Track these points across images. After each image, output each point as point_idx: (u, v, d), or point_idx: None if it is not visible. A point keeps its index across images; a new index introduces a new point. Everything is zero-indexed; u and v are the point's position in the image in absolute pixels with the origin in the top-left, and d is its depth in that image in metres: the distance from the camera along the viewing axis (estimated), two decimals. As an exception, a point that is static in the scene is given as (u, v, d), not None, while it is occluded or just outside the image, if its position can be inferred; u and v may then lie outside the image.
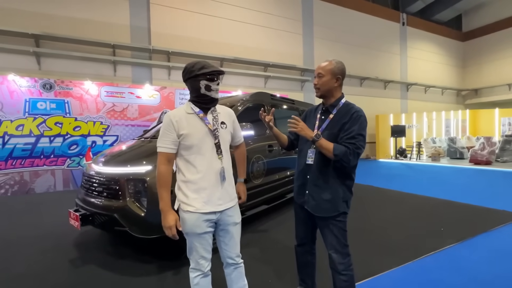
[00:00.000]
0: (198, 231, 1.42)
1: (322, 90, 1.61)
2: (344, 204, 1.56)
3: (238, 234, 1.59)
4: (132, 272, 2.29)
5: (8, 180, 5.42)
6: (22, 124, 5.48)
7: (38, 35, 6.07)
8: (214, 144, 1.46)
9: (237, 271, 1.60)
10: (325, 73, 1.58)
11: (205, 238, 1.45)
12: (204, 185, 1.42)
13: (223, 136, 1.51)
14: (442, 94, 15.56)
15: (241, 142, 1.72)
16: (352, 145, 1.46)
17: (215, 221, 1.48)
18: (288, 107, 4.58)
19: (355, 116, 1.52)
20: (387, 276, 2.20)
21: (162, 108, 6.85)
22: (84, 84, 6.03)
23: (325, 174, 1.56)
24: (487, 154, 8.62)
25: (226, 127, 1.54)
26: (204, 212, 1.41)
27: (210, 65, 1.46)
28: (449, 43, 15.89)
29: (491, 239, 2.93)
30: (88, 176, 2.70)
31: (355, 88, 11.93)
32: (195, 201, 1.41)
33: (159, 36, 7.68)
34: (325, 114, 1.65)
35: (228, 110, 1.63)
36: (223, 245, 1.55)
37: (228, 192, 1.51)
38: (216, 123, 1.49)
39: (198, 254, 1.44)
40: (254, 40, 9.28)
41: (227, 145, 1.56)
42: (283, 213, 3.93)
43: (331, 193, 1.54)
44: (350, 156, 1.45)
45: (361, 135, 1.50)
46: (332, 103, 1.63)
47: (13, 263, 2.50)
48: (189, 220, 1.41)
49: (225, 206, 1.48)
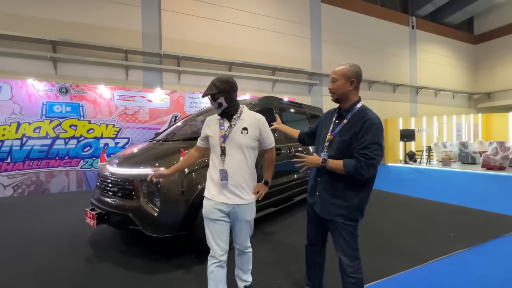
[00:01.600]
0: (211, 216, 1.67)
1: (337, 94, 1.60)
2: (358, 212, 1.56)
3: (248, 230, 1.79)
4: (144, 270, 2.37)
5: (25, 180, 5.63)
6: (39, 127, 5.71)
7: (55, 41, 6.33)
8: (219, 148, 1.68)
9: (242, 256, 1.87)
10: (338, 77, 1.57)
11: (218, 225, 1.67)
12: (216, 179, 1.68)
13: (239, 141, 1.67)
14: (453, 97, 15.29)
15: (270, 147, 1.83)
16: (364, 156, 1.42)
17: (227, 213, 1.68)
18: (296, 110, 4.63)
19: (368, 124, 1.47)
20: (394, 279, 2.21)
21: (172, 112, 7.00)
22: (98, 88, 6.24)
23: (338, 180, 1.55)
24: (500, 159, 8.43)
25: (248, 133, 1.68)
26: (216, 200, 1.66)
27: (208, 87, 1.71)
28: (460, 46, 15.65)
29: (502, 246, 2.89)
30: (103, 177, 2.81)
31: (363, 92, 11.86)
32: (211, 190, 1.70)
33: (170, 42, 7.87)
34: (340, 119, 1.64)
35: (257, 117, 1.76)
36: (234, 235, 1.80)
37: (240, 190, 1.68)
38: (230, 129, 1.68)
39: (212, 239, 1.68)
40: (262, 45, 9.39)
41: (244, 149, 1.69)
42: (291, 216, 3.96)
43: (345, 199, 1.54)
44: (361, 170, 1.42)
45: (376, 144, 1.44)
46: (347, 107, 1.60)
47: (32, 259, 2.62)
48: (205, 205, 1.71)
49: (235, 201, 1.67)
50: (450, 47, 15.16)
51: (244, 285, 1.92)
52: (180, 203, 2.37)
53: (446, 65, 15.04)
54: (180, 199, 2.37)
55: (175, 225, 2.36)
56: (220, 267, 1.68)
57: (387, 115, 12.16)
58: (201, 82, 8.19)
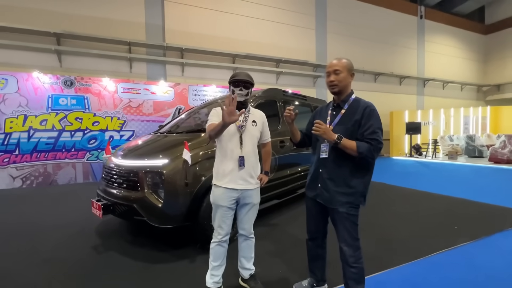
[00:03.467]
0: (221, 203, 1.78)
1: (340, 86, 1.63)
2: (362, 199, 1.61)
3: (253, 213, 1.91)
4: (149, 259, 2.42)
5: (33, 172, 5.75)
6: (46, 119, 5.78)
7: (60, 34, 6.34)
8: (238, 137, 1.80)
9: (246, 243, 1.95)
10: (342, 69, 1.62)
11: (225, 210, 1.79)
12: (229, 167, 1.78)
13: (251, 132, 1.86)
14: (461, 90, 14.98)
15: (268, 141, 2.04)
16: (374, 141, 1.51)
17: (236, 199, 1.80)
18: (300, 103, 4.59)
19: (368, 111, 1.56)
20: (397, 271, 2.22)
21: (175, 104, 7.01)
22: (102, 80, 6.26)
23: (342, 168, 1.60)
24: (508, 153, 8.29)
25: (256, 126, 1.90)
26: (226, 187, 1.77)
27: (237, 74, 1.86)
28: (470, 37, 15.22)
29: (508, 239, 2.86)
30: (108, 169, 2.84)
31: (369, 84, 11.70)
32: (221, 178, 1.79)
33: (173, 33, 7.82)
34: (337, 110, 1.70)
35: (261, 113, 1.99)
36: (239, 218, 1.90)
37: (250, 176, 1.82)
38: (245, 121, 1.84)
39: (217, 223, 1.82)
40: (266, 36, 9.27)
41: (254, 139, 1.89)
42: (294, 208, 3.98)
43: (350, 186, 1.58)
44: (374, 153, 1.51)
45: (380, 129, 1.55)
46: (343, 98, 1.67)
47: (41, 248, 2.70)
48: (215, 192, 1.81)
49: (245, 186, 1.80)
50: (459, 37, 14.76)
51: (250, 273, 1.97)
52: (184, 195, 2.40)
53: (455, 56, 14.68)
54: (184, 191, 2.40)
55: (179, 216, 2.39)
56: (220, 246, 1.84)
57: (393, 107, 11.99)
58: (204, 74, 8.16)
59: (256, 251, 2.04)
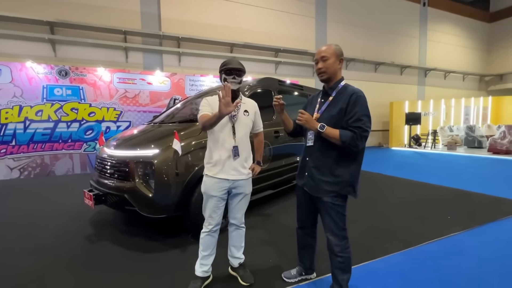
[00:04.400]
0: (212, 193, 1.76)
1: (328, 73, 1.59)
2: (350, 188, 1.56)
3: (245, 203, 1.91)
4: (141, 248, 2.44)
5: (31, 162, 5.76)
6: (41, 110, 5.74)
7: (53, 22, 6.22)
8: (231, 126, 1.76)
9: (237, 232, 1.95)
10: (330, 56, 1.57)
11: (216, 201, 1.77)
12: (221, 157, 1.75)
13: (243, 121, 1.82)
14: (463, 80, 14.77)
15: (260, 131, 2.01)
16: (358, 129, 1.46)
17: (228, 189, 1.79)
18: (296, 93, 4.53)
19: (354, 98, 1.50)
20: (387, 260, 2.23)
21: (172, 95, 6.94)
22: (97, 70, 6.18)
23: (327, 156, 1.57)
24: (507, 143, 8.24)
25: (248, 115, 1.86)
26: (218, 177, 1.75)
27: (229, 62, 1.79)
28: (474, 25, 14.88)
29: (499, 228, 2.87)
30: (100, 159, 2.84)
31: (369, 73, 11.54)
32: (213, 168, 1.77)
33: (169, 22, 7.66)
34: (325, 97, 1.66)
35: (253, 102, 1.95)
36: (231, 208, 1.90)
37: (242, 166, 1.80)
38: (237, 110, 1.80)
39: (208, 213, 1.81)
40: (264, 25, 9.08)
41: (247, 129, 1.86)
42: (289, 199, 3.99)
43: (335, 175, 1.55)
44: (357, 141, 1.46)
45: (366, 116, 1.49)
46: (332, 85, 1.63)
47: (36, 237, 2.72)
48: (207, 182, 1.79)
49: (237, 177, 1.79)
50: (463, 26, 14.44)
51: (239, 262, 1.98)
52: (175, 185, 2.39)
53: (458, 45, 14.41)
54: (175, 181, 2.39)
55: (170, 206, 2.39)
56: (211, 236, 1.84)
57: (393, 98, 11.87)
58: (201, 64, 8.04)
59: (247, 241, 2.05)
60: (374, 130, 12.02)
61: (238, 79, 1.79)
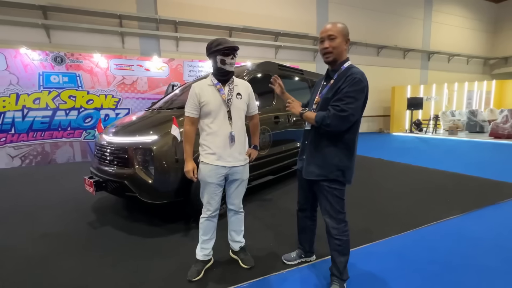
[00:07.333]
0: (208, 180, 1.74)
1: (335, 54, 1.49)
2: (338, 173, 1.51)
3: (242, 188, 1.90)
4: (143, 233, 2.48)
5: (31, 151, 5.76)
6: (39, 98, 5.67)
7: (45, 7, 6.03)
8: (226, 111, 1.70)
9: (236, 217, 1.96)
10: (337, 34, 1.47)
11: (214, 187, 1.76)
12: (217, 144, 1.71)
13: (238, 105, 1.75)
14: (467, 63, 14.48)
15: (255, 113, 1.93)
16: (335, 107, 1.39)
17: (225, 175, 1.77)
18: (297, 78, 4.45)
19: (349, 78, 1.41)
20: (385, 242, 2.26)
21: (171, 81, 6.83)
22: (93, 57, 6.05)
23: (319, 140, 1.55)
24: (509, 128, 8.18)
25: (242, 98, 1.78)
26: (215, 165, 1.72)
27: (225, 42, 1.66)
28: (481, 5, 14.40)
29: (498, 211, 2.89)
30: (100, 146, 2.82)
31: (371, 57, 11.30)
32: (210, 156, 1.73)
33: (166, 5, 7.42)
34: (327, 80, 1.61)
35: (246, 84, 1.87)
36: (229, 194, 1.89)
37: (239, 152, 1.77)
38: (231, 94, 1.73)
39: (206, 199, 1.80)
40: (264, 7, 8.80)
41: (242, 113, 1.79)
42: (289, 184, 4.01)
43: (324, 159, 1.53)
44: (327, 120, 1.40)
45: (350, 97, 1.38)
46: (335, 68, 1.55)
47: (39, 224, 2.76)
48: (203, 170, 1.75)
49: (234, 163, 1.76)
50: (469, 6, 13.98)
51: (239, 246, 2.00)
52: (175, 171, 2.39)
53: (463, 27, 14.00)
54: (174, 167, 2.39)
55: (170, 192, 2.40)
56: (210, 221, 1.85)
57: (396, 82, 11.69)
58: (200, 49, 7.87)
59: (247, 225, 2.07)
60: (375, 115, 11.92)
61: (234, 60, 1.70)
